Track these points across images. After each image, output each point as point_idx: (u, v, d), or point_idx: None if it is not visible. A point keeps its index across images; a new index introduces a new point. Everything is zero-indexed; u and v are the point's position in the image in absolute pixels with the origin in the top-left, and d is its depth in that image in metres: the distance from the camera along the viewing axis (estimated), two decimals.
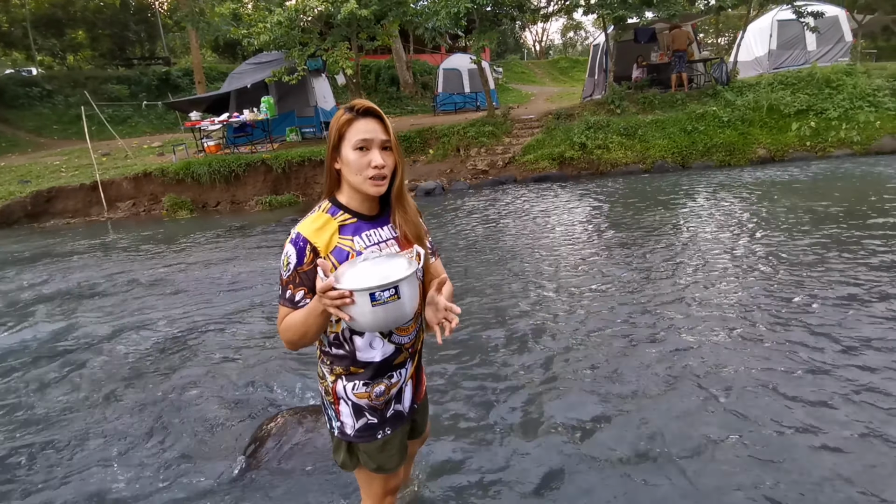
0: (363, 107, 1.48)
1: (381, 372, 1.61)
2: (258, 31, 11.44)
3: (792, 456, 2.40)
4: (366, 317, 1.32)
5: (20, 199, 11.02)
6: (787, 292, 4.19)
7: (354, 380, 1.60)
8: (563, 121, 12.37)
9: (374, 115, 1.49)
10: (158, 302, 5.29)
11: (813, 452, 2.42)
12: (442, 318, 1.45)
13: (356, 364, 1.58)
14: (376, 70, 22.25)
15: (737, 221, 6.54)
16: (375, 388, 1.61)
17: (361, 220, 1.54)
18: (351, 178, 1.49)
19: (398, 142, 1.55)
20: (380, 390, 1.62)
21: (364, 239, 1.52)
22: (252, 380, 3.50)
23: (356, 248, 1.50)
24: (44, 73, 24.77)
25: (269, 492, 2.45)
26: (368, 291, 1.29)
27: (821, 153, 10.72)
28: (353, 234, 1.51)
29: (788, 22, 13.99)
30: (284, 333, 1.48)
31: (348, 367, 1.59)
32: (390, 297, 1.32)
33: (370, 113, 1.49)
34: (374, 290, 1.30)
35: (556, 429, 2.74)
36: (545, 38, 50.90)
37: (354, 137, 1.46)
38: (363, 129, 1.47)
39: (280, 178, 11.27)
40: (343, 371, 1.60)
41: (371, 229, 1.55)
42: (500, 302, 4.51)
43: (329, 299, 1.30)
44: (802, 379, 3.00)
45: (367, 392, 1.61)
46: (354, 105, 1.49)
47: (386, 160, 1.49)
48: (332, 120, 1.53)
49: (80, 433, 3.06)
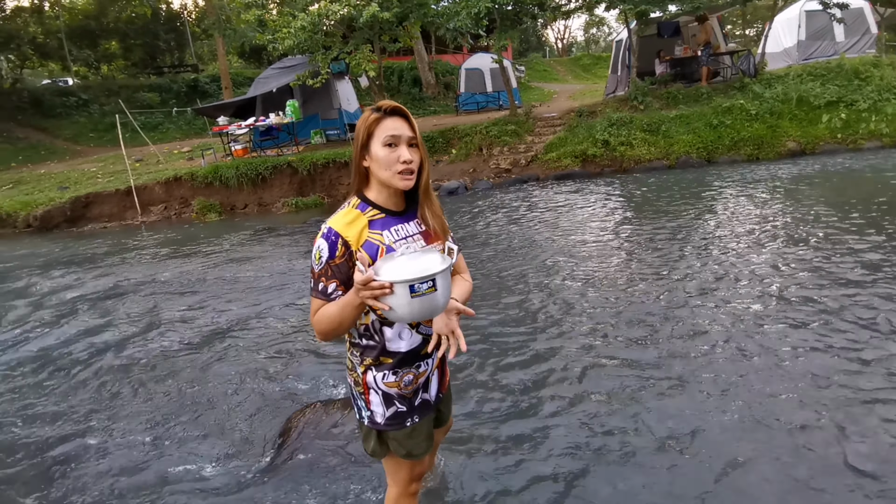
0: (390, 106, 1.56)
1: (410, 361, 1.67)
2: (282, 37, 11.66)
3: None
4: (403, 308, 1.39)
5: (60, 204, 11.46)
6: (820, 291, 4.13)
7: (384, 369, 1.66)
8: (586, 118, 12.29)
9: (400, 114, 1.56)
10: (190, 300, 5.48)
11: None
12: (446, 335, 1.57)
13: (385, 354, 1.65)
14: (399, 71, 22.42)
15: (763, 216, 6.44)
16: (405, 378, 1.68)
17: (390, 216, 1.61)
18: (380, 173, 1.56)
19: (423, 140, 1.62)
20: (409, 379, 1.69)
21: (393, 233, 1.59)
22: (282, 373, 3.63)
23: (385, 241, 1.57)
24: (79, 83, 25.65)
25: (297, 480, 2.54)
26: (408, 283, 1.36)
27: (852, 145, 10.44)
28: (382, 228, 1.58)
29: (816, 12, 13.63)
30: (318, 325, 1.54)
31: (378, 357, 1.66)
32: (428, 289, 1.38)
33: (397, 112, 1.56)
34: (413, 282, 1.36)
35: (578, 422, 2.78)
36: (567, 36, 50.48)
37: (383, 135, 1.53)
38: (391, 126, 1.54)
39: (305, 180, 11.48)
40: (373, 361, 1.67)
41: (399, 224, 1.62)
42: (523, 297, 4.55)
43: (369, 290, 1.36)
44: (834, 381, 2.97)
45: (397, 381, 1.68)
46: (381, 105, 1.56)
47: (413, 156, 1.56)
48: (359, 120, 1.60)
49: (118, 423, 3.23)
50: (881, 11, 15.44)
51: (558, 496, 2.29)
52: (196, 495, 2.52)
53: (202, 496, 2.51)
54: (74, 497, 2.59)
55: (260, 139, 13.42)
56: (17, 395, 3.72)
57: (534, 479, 2.39)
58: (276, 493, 2.48)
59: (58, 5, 27.09)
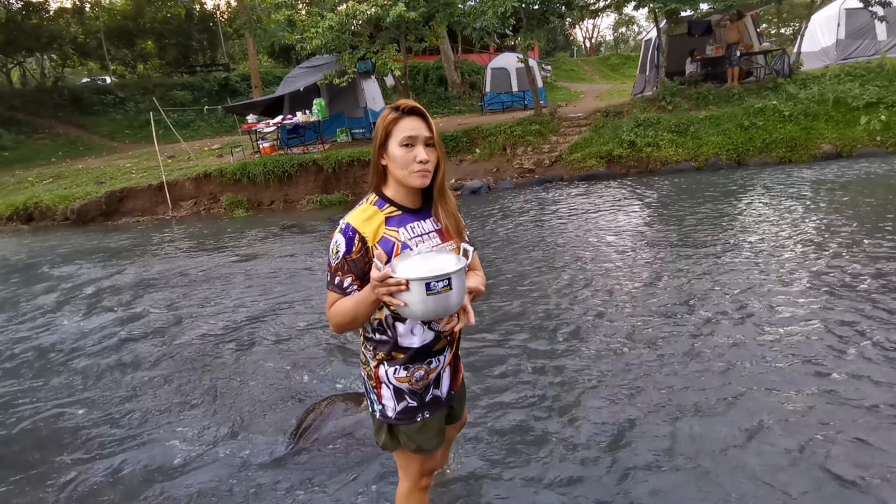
0: (408, 106, 1.58)
1: (421, 357, 1.69)
2: (310, 36, 11.84)
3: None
4: (418, 305, 1.42)
5: (96, 199, 11.87)
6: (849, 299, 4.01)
7: (395, 364, 1.69)
8: (612, 118, 12.14)
9: (418, 113, 1.58)
10: (214, 294, 5.62)
11: None
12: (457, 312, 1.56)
13: (397, 349, 1.68)
14: (425, 71, 22.51)
15: (795, 220, 6.26)
16: (416, 373, 1.70)
17: (406, 213, 1.64)
18: (397, 172, 1.59)
19: (441, 140, 1.63)
20: (420, 375, 1.71)
21: (408, 230, 1.62)
22: (301, 367, 3.70)
23: (401, 238, 1.59)
24: (116, 82, 26.54)
25: (313, 470, 2.60)
26: (424, 281, 1.39)
27: (892, 148, 10.04)
28: (399, 225, 1.61)
29: (857, 10, 13.16)
30: (333, 318, 1.58)
31: (390, 352, 1.68)
32: (444, 287, 1.41)
33: (415, 112, 1.58)
34: (430, 280, 1.39)
35: (593, 426, 2.76)
36: (596, 35, 49.90)
37: (401, 134, 1.56)
38: (409, 126, 1.56)
39: (330, 178, 11.62)
40: (385, 356, 1.69)
41: (415, 221, 1.64)
42: (543, 297, 4.53)
43: (385, 287, 1.39)
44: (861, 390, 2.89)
45: (408, 377, 1.70)
46: (400, 105, 1.59)
47: (429, 155, 1.58)
48: (378, 119, 1.63)
49: (142, 408, 3.35)
50: None
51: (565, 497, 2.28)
52: (213, 482, 2.59)
53: (220, 483, 2.58)
54: (92, 487, 2.69)
55: (287, 137, 13.65)
56: (43, 381, 3.88)
57: (544, 479, 2.39)
58: (291, 481, 2.54)
59: (98, 6, 28.04)
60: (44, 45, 25.07)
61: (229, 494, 2.50)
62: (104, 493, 2.61)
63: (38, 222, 12.01)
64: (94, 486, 2.66)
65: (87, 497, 2.59)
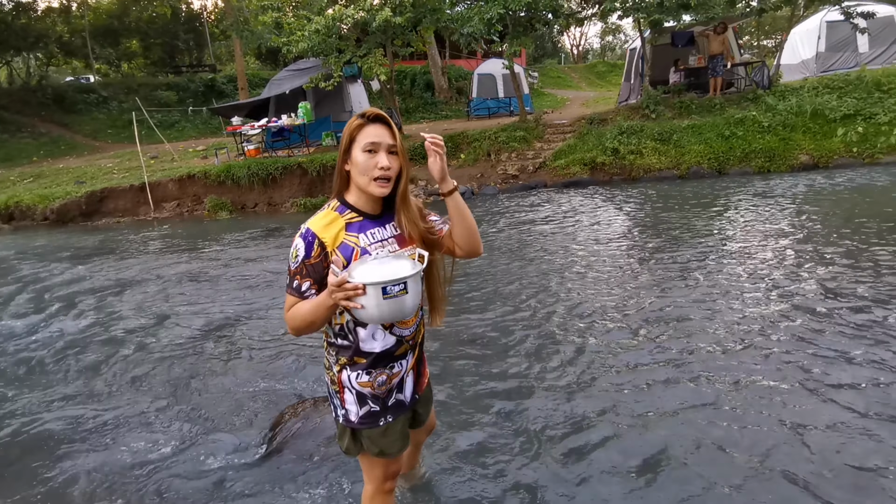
0: (373, 114, 1.61)
1: (383, 362, 1.71)
2: (297, 39, 11.83)
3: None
4: (374, 309, 1.44)
5: (76, 198, 11.72)
6: (821, 308, 4.10)
7: (358, 369, 1.70)
8: (596, 126, 12.28)
9: (382, 121, 1.61)
10: (195, 296, 5.58)
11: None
12: (430, 145, 1.60)
13: (359, 354, 1.69)
14: (412, 75, 22.56)
15: (772, 230, 6.39)
16: (378, 378, 1.72)
17: (367, 219, 1.66)
18: (359, 178, 1.61)
19: (405, 149, 1.65)
20: (382, 379, 1.73)
21: (368, 236, 1.64)
22: (276, 370, 3.70)
23: (361, 244, 1.61)
24: (100, 81, 26.21)
25: (285, 472, 2.60)
26: (381, 285, 1.42)
27: (868, 160, 10.28)
28: (359, 231, 1.63)
29: (838, 23, 13.46)
30: (291, 321, 1.59)
31: (352, 356, 1.70)
32: (400, 291, 1.45)
33: (379, 119, 1.61)
34: (386, 285, 1.42)
35: (560, 433, 2.79)
36: (583, 42, 50.40)
37: (364, 140, 1.58)
38: (372, 133, 1.58)
39: (315, 181, 11.59)
40: (347, 361, 1.71)
41: (375, 228, 1.66)
42: (520, 302, 4.57)
43: (342, 292, 1.41)
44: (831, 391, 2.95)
45: (370, 381, 1.71)
46: (365, 112, 1.62)
47: (392, 163, 1.60)
48: (344, 126, 1.65)
49: (114, 411, 3.32)
50: None
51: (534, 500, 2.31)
52: (184, 485, 2.58)
53: (192, 486, 2.57)
54: (66, 484, 2.66)
55: (272, 140, 13.59)
56: (12, 382, 3.82)
57: (514, 483, 2.41)
58: (263, 484, 2.54)
59: (84, 5, 27.74)
60: (31, 45, 24.76)
61: (200, 497, 2.49)
62: (69, 496, 2.58)
63: (18, 222, 11.83)
64: (58, 488, 2.63)
65: (52, 499, 2.56)
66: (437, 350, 3.76)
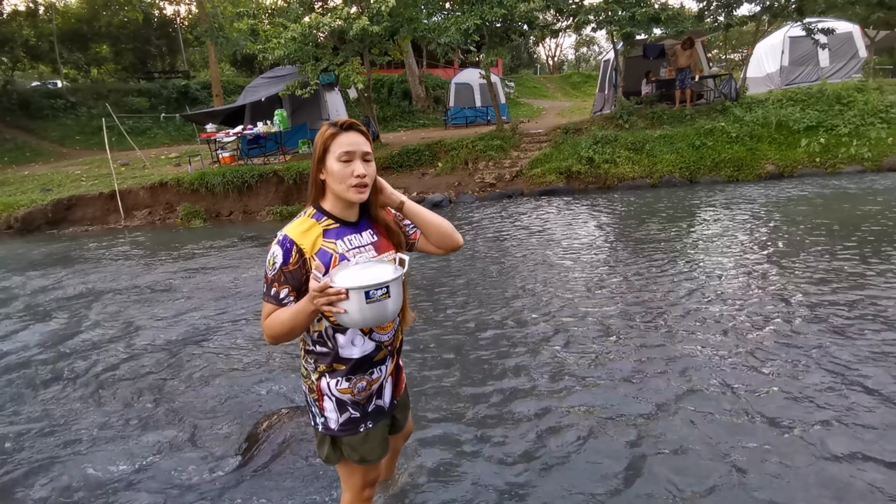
0: (346, 122, 1.62)
1: (363, 368, 1.71)
2: (273, 47, 11.75)
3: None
4: (357, 314, 1.45)
5: (41, 206, 11.37)
6: (791, 307, 4.23)
7: (337, 376, 1.70)
8: (572, 135, 12.47)
9: (356, 129, 1.62)
10: (166, 305, 5.46)
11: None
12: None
13: (339, 361, 1.68)
14: (389, 84, 22.59)
15: (743, 236, 6.57)
16: (358, 384, 1.72)
17: (343, 226, 1.66)
18: (335, 186, 1.62)
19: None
20: (362, 386, 1.72)
21: (346, 243, 1.64)
22: (252, 381, 3.64)
23: (339, 250, 1.61)
24: (68, 86, 25.56)
25: (261, 484, 2.56)
26: (365, 289, 1.43)
27: (830, 169, 10.68)
28: (336, 237, 1.63)
29: (801, 38, 14.00)
30: (269, 329, 1.58)
31: (331, 363, 1.69)
32: (382, 295, 1.46)
33: (353, 128, 1.62)
34: (369, 289, 1.43)
35: (536, 437, 2.81)
36: (558, 54, 51.25)
37: (338, 150, 1.59)
38: (346, 141, 1.59)
39: (291, 189, 11.49)
40: (326, 368, 1.70)
41: (352, 234, 1.67)
42: (494, 308, 4.60)
43: (325, 297, 1.41)
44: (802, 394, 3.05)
45: (350, 388, 1.71)
46: (338, 122, 1.63)
47: (367, 170, 1.61)
48: (317, 135, 1.66)
49: (81, 426, 3.22)
50: (872, 35, 15.81)
51: None
52: (157, 498, 2.51)
53: (163, 499, 2.50)
54: (32, 497, 2.57)
55: (247, 147, 13.45)
56: None
57: (491, 489, 2.42)
58: (239, 496, 2.49)
59: (52, 9, 27.07)
60: None
61: None
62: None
63: None
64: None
65: None
66: (412, 355, 3.76)
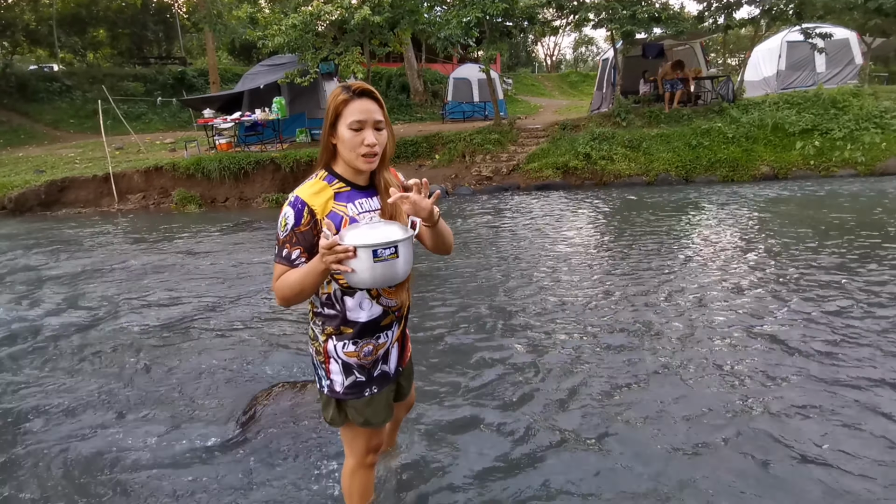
0: (359, 87, 1.59)
1: (370, 332, 1.72)
2: (273, 34, 11.70)
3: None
4: (365, 272, 1.45)
5: (35, 187, 11.27)
6: (782, 306, 4.29)
7: (344, 339, 1.71)
8: (569, 131, 12.53)
9: (369, 95, 1.60)
10: (160, 286, 5.45)
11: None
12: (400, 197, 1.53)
13: (346, 324, 1.70)
14: (388, 77, 22.54)
15: (737, 236, 6.65)
16: (364, 348, 1.73)
17: (355, 189, 1.67)
18: (345, 153, 1.61)
19: (389, 120, 1.67)
20: (368, 350, 1.74)
21: (357, 206, 1.65)
22: (249, 357, 3.65)
23: (350, 213, 1.62)
24: (64, 69, 25.27)
25: (260, 456, 2.57)
26: (372, 248, 1.43)
27: (824, 172, 10.79)
28: (347, 201, 1.64)
29: (798, 43, 14.12)
30: (280, 290, 1.58)
31: (339, 326, 1.70)
32: (390, 255, 1.45)
33: (366, 94, 1.59)
34: (377, 247, 1.43)
35: (532, 416, 2.85)
36: (556, 53, 51.33)
37: (350, 118, 1.57)
38: (358, 108, 1.57)
39: (288, 177, 11.45)
40: (334, 331, 1.71)
41: (363, 198, 1.68)
42: (488, 297, 4.63)
43: (333, 255, 1.40)
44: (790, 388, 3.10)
45: (356, 351, 1.72)
46: (351, 86, 1.60)
47: (378, 139, 1.61)
48: (329, 97, 1.64)
49: (83, 400, 3.21)
50: (868, 42, 15.95)
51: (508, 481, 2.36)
52: (161, 472, 2.51)
53: (167, 473, 2.50)
54: (37, 473, 2.57)
55: (245, 134, 13.38)
56: None
57: (490, 464, 2.46)
58: (239, 468, 2.50)
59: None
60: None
61: (172, 484, 2.42)
62: (26, 484, 2.49)
63: None
64: (24, 478, 2.53)
65: (17, 491, 2.47)
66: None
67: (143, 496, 2.35)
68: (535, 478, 2.34)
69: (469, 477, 2.37)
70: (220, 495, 2.33)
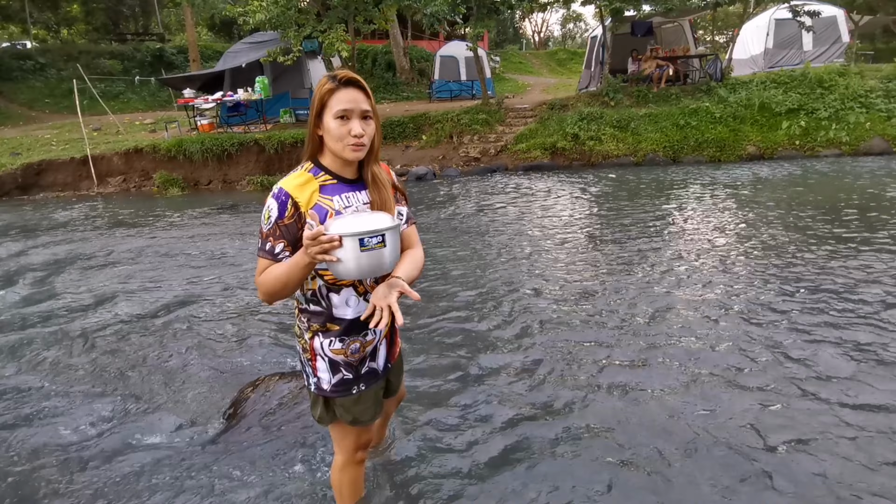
0: (345, 77, 1.53)
1: (357, 329, 1.67)
2: (254, 10, 11.37)
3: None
4: (352, 262, 1.40)
5: (10, 170, 10.95)
6: (771, 284, 4.32)
7: (331, 336, 1.67)
8: (557, 111, 12.42)
9: (356, 84, 1.54)
10: (144, 275, 5.34)
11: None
12: (381, 308, 1.46)
13: (332, 321, 1.65)
14: (373, 55, 22.08)
15: (724, 215, 6.66)
16: (351, 346, 1.69)
17: (341, 182, 1.61)
18: (332, 144, 1.56)
19: (377, 110, 1.60)
20: (355, 347, 1.70)
21: (343, 200, 1.59)
22: (235, 348, 3.59)
23: (335, 207, 1.56)
24: (37, 47, 24.39)
25: (246, 449, 2.53)
26: (358, 236, 1.38)
27: (809, 152, 10.85)
28: (333, 194, 1.58)
29: (786, 21, 14.05)
30: (263, 285, 1.53)
31: (325, 323, 1.66)
32: (377, 243, 1.41)
33: (352, 83, 1.53)
34: (363, 236, 1.39)
35: (526, 407, 2.84)
36: (545, 30, 50.70)
37: (336, 107, 1.51)
38: (344, 98, 1.52)
39: (272, 159, 11.26)
40: (320, 328, 1.67)
41: (350, 192, 1.62)
42: (476, 281, 4.60)
43: (318, 245, 1.36)
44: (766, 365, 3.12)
45: (343, 349, 1.68)
46: (337, 75, 1.54)
47: (365, 129, 1.55)
48: (316, 87, 1.58)
49: (63, 392, 3.15)
50: (856, 19, 15.91)
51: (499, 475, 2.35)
52: (145, 465, 2.47)
53: (151, 466, 2.46)
54: (20, 466, 2.51)
55: (227, 115, 13.07)
56: None
57: (478, 458, 2.44)
58: (225, 461, 2.47)
59: None
60: None
61: (156, 478, 2.39)
62: (11, 480, 2.43)
63: None
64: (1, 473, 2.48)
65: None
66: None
67: (125, 494, 2.30)
68: (525, 470, 2.34)
69: (459, 470, 2.36)
70: (205, 491, 2.29)
